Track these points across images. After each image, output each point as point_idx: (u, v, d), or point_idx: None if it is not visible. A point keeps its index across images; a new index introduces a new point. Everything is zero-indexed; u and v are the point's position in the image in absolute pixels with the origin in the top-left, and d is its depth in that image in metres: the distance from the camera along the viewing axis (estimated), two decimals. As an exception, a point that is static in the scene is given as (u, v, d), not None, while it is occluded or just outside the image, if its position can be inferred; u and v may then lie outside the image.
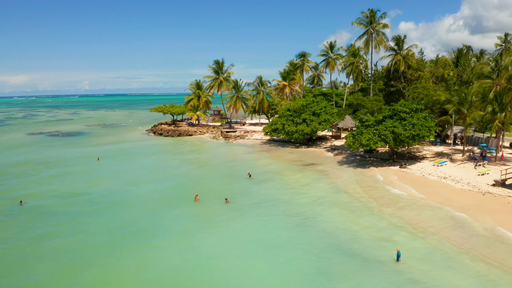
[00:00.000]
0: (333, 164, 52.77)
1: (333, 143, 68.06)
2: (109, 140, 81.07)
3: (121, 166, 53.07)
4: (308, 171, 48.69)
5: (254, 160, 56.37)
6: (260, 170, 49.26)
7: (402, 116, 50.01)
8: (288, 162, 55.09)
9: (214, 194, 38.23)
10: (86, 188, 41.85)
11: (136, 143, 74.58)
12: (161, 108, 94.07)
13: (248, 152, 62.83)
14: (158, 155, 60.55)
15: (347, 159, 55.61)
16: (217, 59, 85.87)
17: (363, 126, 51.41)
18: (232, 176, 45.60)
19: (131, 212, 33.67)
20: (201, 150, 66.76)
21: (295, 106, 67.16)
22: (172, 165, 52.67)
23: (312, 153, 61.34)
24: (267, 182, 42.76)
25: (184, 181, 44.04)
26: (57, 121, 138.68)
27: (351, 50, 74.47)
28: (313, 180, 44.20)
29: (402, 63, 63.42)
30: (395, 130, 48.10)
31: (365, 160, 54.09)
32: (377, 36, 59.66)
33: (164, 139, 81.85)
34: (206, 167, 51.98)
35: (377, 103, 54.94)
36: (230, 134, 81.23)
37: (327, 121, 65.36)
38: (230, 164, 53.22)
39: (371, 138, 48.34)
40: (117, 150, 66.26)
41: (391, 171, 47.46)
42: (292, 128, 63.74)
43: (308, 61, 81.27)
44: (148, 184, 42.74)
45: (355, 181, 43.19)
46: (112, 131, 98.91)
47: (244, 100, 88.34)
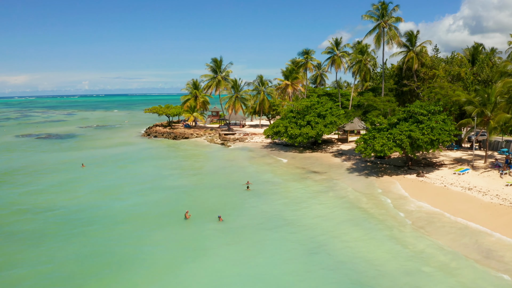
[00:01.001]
0: (341, 171, 47.59)
1: (340, 147, 62.86)
2: (99, 143, 75.94)
3: (107, 174, 47.92)
4: (313, 181, 43.52)
5: (254, 167, 51.17)
6: (260, 179, 44.09)
7: (419, 118, 44.85)
8: (291, 169, 49.91)
9: (207, 209, 33.04)
10: (62, 201, 36.71)
11: (127, 147, 69.42)
12: (155, 109, 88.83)
13: (247, 158, 57.63)
14: (148, 161, 55.36)
15: (357, 166, 50.41)
16: (215, 57, 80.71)
17: (375, 130, 46.22)
18: (229, 187, 40.38)
19: (110, 234, 28.53)
20: (196, 156, 61.51)
21: (299, 107, 62.01)
22: (163, 173, 47.49)
23: (317, 158, 56.14)
24: (267, 195, 37.58)
25: (174, 193, 38.83)
26: (51, 122, 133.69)
27: (358, 47, 69.25)
28: (320, 191, 39.01)
29: (415, 61, 58.17)
30: (412, 134, 42.91)
31: (377, 167, 48.91)
32: (389, 31, 54.33)
33: (158, 142, 76.69)
34: (200, 175, 46.77)
35: (390, 104, 49.78)
36: (228, 137, 76.07)
37: (333, 124, 60.19)
38: (227, 171, 48.03)
39: (385, 144, 43.14)
40: (105, 155, 61.13)
41: (408, 180, 42.29)
42: (295, 131, 58.59)
43: (312, 59, 76.02)
44: (134, 197, 37.59)
45: (368, 193, 38.00)
46: (105, 133, 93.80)
47: (244, 101, 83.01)
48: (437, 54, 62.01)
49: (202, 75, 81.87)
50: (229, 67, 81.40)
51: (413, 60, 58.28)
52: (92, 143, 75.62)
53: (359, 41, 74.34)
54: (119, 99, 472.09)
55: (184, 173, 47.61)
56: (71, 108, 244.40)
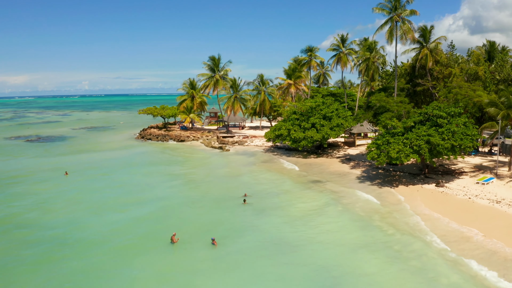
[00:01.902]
0: (350, 180, 42.87)
1: (347, 152, 58.15)
2: (89, 147, 71.24)
3: (90, 184, 43.19)
4: (320, 191, 38.80)
5: (253, 175, 46.41)
6: (259, 189, 39.38)
7: (438, 122, 40.16)
8: (294, 177, 45.20)
9: (199, 229, 28.33)
10: (35, 217, 32.12)
11: (118, 152, 64.71)
12: (150, 110, 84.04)
13: (246, 164, 52.86)
14: (138, 168, 50.57)
15: (368, 173, 45.69)
16: (212, 55, 75.84)
17: (389, 134, 41.50)
18: (225, 200, 35.62)
19: (82, 260, 23.88)
20: (191, 161, 56.63)
21: (302, 108, 57.30)
22: (152, 183, 42.75)
23: (323, 164, 51.42)
24: (268, 210, 32.82)
25: (162, 207, 34.10)
26: (44, 123, 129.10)
27: (366, 44, 64.52)
28: (328, 205, 34.26)
29: (429, 58, 53.42)
30: (431, 139, 38.21)
31: (390, 175, 44.21)
32: (402, 25, 49.54)
33: (152, 145, 71.95)
34: (194, 185, 41.97)
35: (405, 105, 45.03)
36: (227, 140, 71.35)
37: (340, 126, 55.47)
38: (224, 181, 43.26)
39: (401, 150, 38.43)
40: (93, 161, 56.43)
41: (427, 192, 37.58)
42: (299, 134, 53.89)
43: (316, 57, 71.21)
44: (116, 212, 32.89)
45: (383, 208, 33.26)
46: (97, 136, 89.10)
47: (243, 101, 78.14)
48: (453, 51, 57.25)
49: (199, 74, 77.17)
50: (227, 66, 76.68)
51: (427, 57, 53.54)
52: (82, 147, 70.92)
53: (365, 38, 69.61)
54: (119, 99, 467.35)
55: (176, 183, 42.85)
56: (68, 109, 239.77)
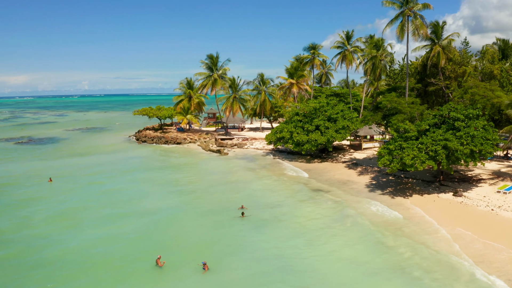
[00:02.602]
0: (359, 188, 39.25)
1: (353, 156, 54.51)
2: (80, 150, 67.66)
3: (75, 192, 39.60)
4: (325, 201, 35.18)
5: (253, 182, 42.78)
6: (259, 199, 35.80)
7: (455, 125, 36.54)
8: (297, 184, 41.58)
9: (188, 250, 24.75)
10: (6, 232, 28.57)
11: (109, 155, 61.09)
12: (145, 111, 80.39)
13: (246, 170, 49.20)
14: (128, 175, 46.92)
15: (377, 180, 42.08)
16: (210, 54, 72.12)
17: (401, 138, 37.86)
18: (220, 213, 31.97)
19: (50, 285, 20.33)
20: (186, 167, 52.81)
21: (306, 109, 53.69)
22: (142, 192, 39.10)
23: (328, 170, 47.80)
24: (268, 224, 29.19)
25: (151, 221, 30.48)
26: (38, 124, 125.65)
27: (372, 42, 60.89)
28: (335, 218, 30.65)
29: (442, 56, 49.77)
30: (449, 144, 34.57)
31: (401, 183, 40.61)
32: (414, 20, 45.82)
33: (146, 148, 68.32)
34: (187, 195, 38.19)
35: (417, 106, 41.41)
36: (225, 142, 67.74)
37: (346, 129, 51.85)
38: (220, 189, 39.59)
39: (416, 156, 34.80)
40: (82, 166, 52.85)
41: (444, 202, 34.00)
42: (302, 137, 50.27)
43: (320, 55, 67.56)
44: (98, 227, 29.31)
45: (398, 222, 29.67)
46: (90, 137, 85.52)
47: (243, 102, 74.43)
48: (466, 48, 53.56)
49: (196, 73, 73.41)
50: (226, 64, 72.88)
51: (440, 55, 49.90)
52: (72, 150, 67.34)
53: (371, 36, 65.94)
54: (118, 99, 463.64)
55: (168, 192, 39.16)
56: (66, 109, 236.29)
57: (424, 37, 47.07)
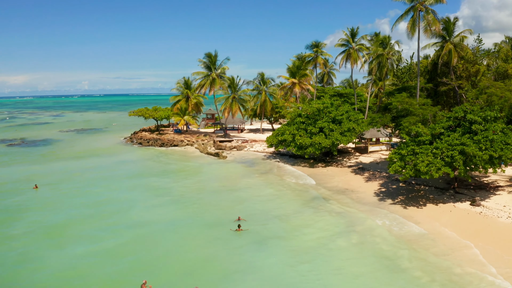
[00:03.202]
0: (368, 197, 36.22)
1: (358, 159, 51.45)
2: (72, 153, 64.65)
3: (60, 200, 36.59)
4: (330, 212, 32.14)
5: (252, 189, 39.72)
6: (258, 210, 32.79)
7: (472, 128, 33.51)
8: (300, 192, 38.58)
9: (178, 271, 21.73)
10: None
11: (102, 159, 58.10)
12: (141, 111, 77.29)
13: (245, 175, 46.18)
14: (119, 181, 43.83)
15: (386, 187, 39.04)
16: (208, 52, 69.01)
17: (414, 142, 34.82)
18: (216, 226, 28.90)
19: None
20: (182, 172, 49.59)
21: (308, 110, 50.68)
22: (132, 202, 36.01)
23: (332, 175, 44.77)
24: (266, 241, 26.11)
25: (138, 237, 27.42)
26: (33, 125, 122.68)
27: (378, 39, 57.79)
28: (345, 235, 27.54)
29: (453, 54, 46.73)
30: (466, 149, 31.54)
31: (413, 190, 37.57)
32: (426, 15, 42.68)
33: (142, 151, 65.30)
34: (181, 205, 34.95)
35: (430, 108, 38.37)
36: (224, 145, 64.72)
37: (351, 131, 48.83)
38: (216, 198, 36.49)
39: (432, 162, 31.77)
40: (71, 170, 49.87)
41: (462, 213, 31.01)
42: (305, 140, 47.29)
43: (323, 53, 64.46)
44: (82, 243, 26.27)
45: (413, 238, 26.65)
46: (85, 139, 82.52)
47: (242, 102, 71.33)
48: (480, 45, 50.46)
49: (194, 73, 70.17)
50: (225, 63, 69.67)
51: (451, 53, 46.85)
52: (64, 153, 64.34)
53: (377, 33, 62.86)
54: (117, 99, 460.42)
55: (161, 201, 36.06)
56: (64, 109, 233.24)
57: (436, 33, 44.01)
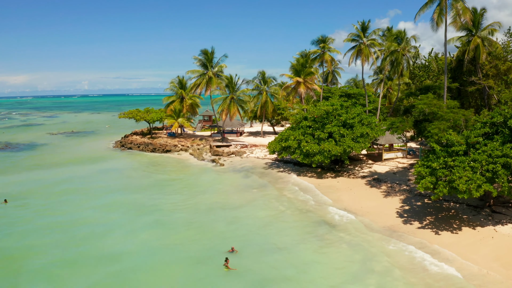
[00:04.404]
0: (388, 217, 30.41)
1: (372, 168, 45.68)
2: (55, 159, 58.84)
3: (27, 220, 30.82)
4: (346, 243, 26.27)
5: (249, 207, 33.82)
6: (254, 237, 27.03)
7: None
8: (306, 211, 32.77)
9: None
10: None
11: (85, 167, 52.18)
12: (132, 113, 71.47)
13: (243, 188, 40.32)
14: (98, 196, 37.95)
15: (410, 204, 33.22)
16: (205, 49, 63.21)
17: (445, 153, 29.03)
18: (202, 260, 23.01)
19: None
20: (172, 184, 43.09)
21: (316, 113, 44.92)
22: (106, 224, 30.10)
23: (344, 189, 38.94)
24: (267, 285, 20.38)
25: (110, 275, 21.68)
26: (23, 127, 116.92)
27: (393, 34, 52.04)
28: (360, 275, 21.87)
29: (482, 50, 40.97)
30: (510, 161, 25.91)
31: (442, 208, 31.80)
32: (455, 3, 36.67)
33: (130, 157, 59.42)
34: (165, 230, 28.77)
35: (463, 111, 32.60)
36: (221, 150, 58.95)
37: (365, 137, 43.09)
38: (209, 220, 30.53)
39: (471, 179, 26.01)
40: (49, 181, 44.21)
41: (506, 240, 25.30)
42: (313, 147, 41.52)
43: (331, 49, 58.61)
44: (33, 283, 20.56)
45: (458, 284, 20.90)
46: (72, 143, 76.71)
47: (241, 103, 65.48)
48: (511, 40, 44.57)
49: (188, 71, 64.32)
50: (223, 61, 63.85)
51: (479, 48, 41.09)
52: (47, 160, 58.53)
53: (389, 28, 57.14)
54: (116, 99, 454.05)
55: (142, 224, 30.17)
56: (59, 110, 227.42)
57: (466, 25, 38.21)
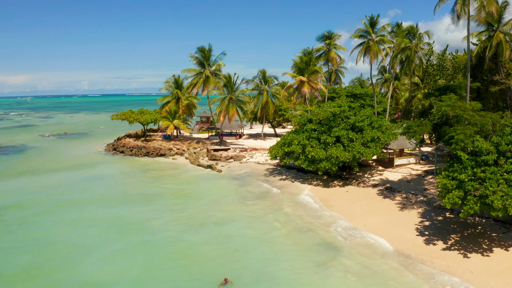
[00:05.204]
0: (407, 237, 26.53)
1: (383, 175, 41.83)
2: (41, 164, 54.92)
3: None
4: (358, 273, 22.42)
5: (246, 223, 29.95)
6: (250, 262, 23.12)
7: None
8: (309, 230, 28.93)
9: None
10: None
11: (71, 174, 48.23)
12: (125, 115, 67.57)
13: (240, 198, 36.36)
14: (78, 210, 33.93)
15: (430, 219, 29.36)
16: (202, 46, 59.24)
17: (473, 161, 25.18)
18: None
19: None
20: (162, 194, 38.67)
21: (321, 115, 41.08)
22: (87, 244, 26.22)
23: (354, 200, 35.07)
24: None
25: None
26: (15, 129, 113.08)
27: (404, 29, 48.28)
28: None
29: (505, 46, 37.16)
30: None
31: (467, 224, 27.94)
32: (479, -10, 32.96)
33: (121, 163, 55.37)
34: (149, 252, 24.83)
35: (490, 114, 28.74)
36: (219, 154, 55.08)
37: (376, 141, 39.24)
38: (198, 240, 26.51)
39: (507, 194, 22.18)
40: (29, 190, 40.39)
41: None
42: (319, 153, 37.67)
43: (336, 46, 54.71)
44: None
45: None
46: (62, 147, 72.73)
47: (240, 104, 61.52)
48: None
49: (184, 70, 60.47)
50: (221, 59, 59.92)
51: (502, 44, 37.26)
52: (32, 165, 54.59)
53: (399, 23, 53.28)
54: (115, 100, 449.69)
55: (125, 245, 26.21)
56: (56, 110, 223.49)
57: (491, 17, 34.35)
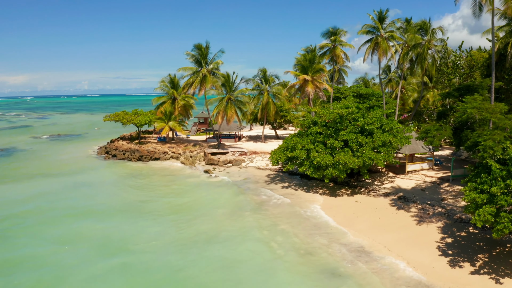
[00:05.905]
0: (429, 257, 23.18)
1: (394, 183, 38.48)
2: (29, 169, 51.54)
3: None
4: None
5: (239, 241, 26.58)
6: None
7: None
8: (312, 253, 25.59)
9: None
10: None
11: (57, 180, 44.80)
12: (118, 116, 64.17)
13: (236, 210, 32.92)
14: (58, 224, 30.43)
15: (451, 235, 26.01)
16: (199, 43, 55.88)
17: (505, 171, 21.81)
18: None
19: None
20: (150, 205, 35.00)
21: (328, 116, 37.71)
22: (64, 265, 22.91)
23: (364, 212, 31.68)
24: None
25: None
26: (9, 130, 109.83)
27: (416, 25, 44.96)
28: None
29: (528, 41, 33.86)
30: None
31: (494, 242, 24.57)
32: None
33: (112, 168, 51.87)
34: (132, 277, 21.45)
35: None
36: (216, 158, 51.70)
37: (388, 146, 35.83)
38: (186, 262, 23.21)
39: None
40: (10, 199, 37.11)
41: None
42: (325, 159, 34.31)
43: (342, 43, 51.35)
44: None
45: None
46: (53, 149, 69.37)
47: (240, 105, 58.09)
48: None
49: (180, 68, 57.05)
50: (219, 57, 56.55)
51: (525, 39, 33.93)
52: (17, 170, 51.18)
53: (408, 19, 49.95)
54: (114, 100, 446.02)
55: (105, 267, 22.83)
56: (54, 110, 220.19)
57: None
